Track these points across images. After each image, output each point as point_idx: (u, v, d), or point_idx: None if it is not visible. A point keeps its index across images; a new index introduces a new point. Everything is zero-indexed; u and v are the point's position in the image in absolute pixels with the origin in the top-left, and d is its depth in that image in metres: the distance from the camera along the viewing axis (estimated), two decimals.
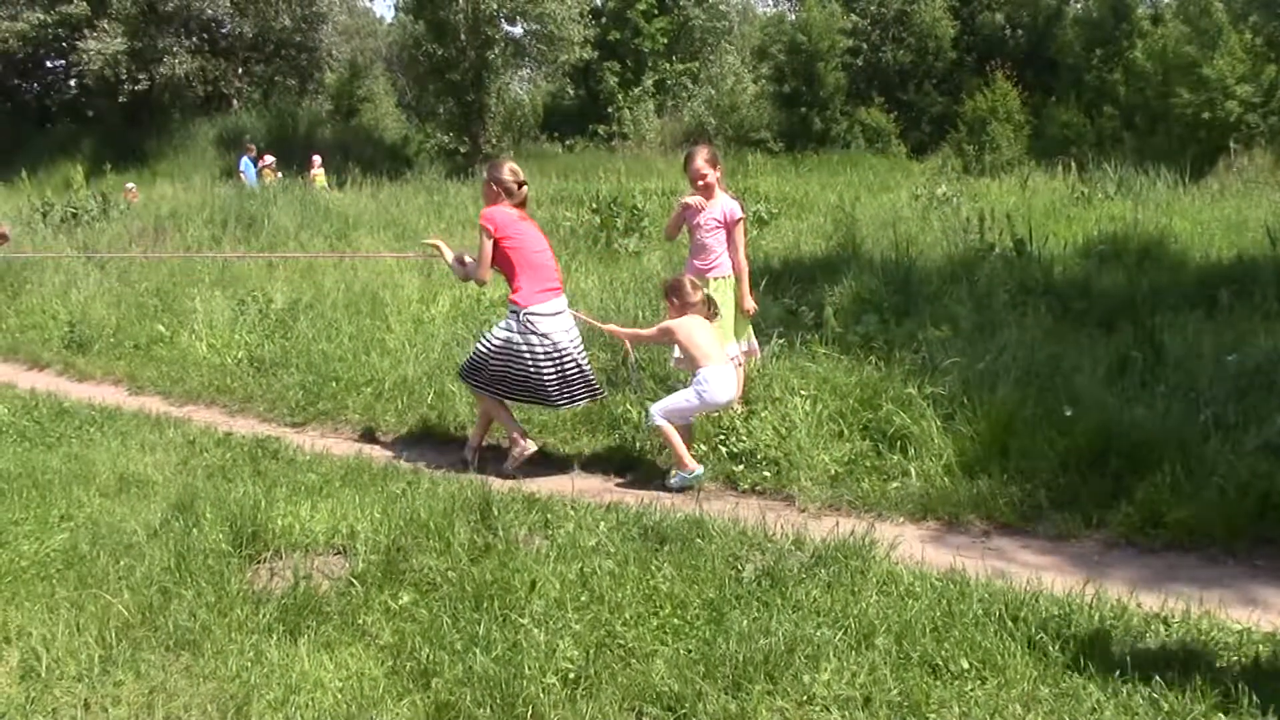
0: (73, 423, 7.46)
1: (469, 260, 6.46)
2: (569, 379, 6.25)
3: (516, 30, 30.06)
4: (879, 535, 4.75)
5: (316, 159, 25.23)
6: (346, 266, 12.21)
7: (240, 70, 35.41)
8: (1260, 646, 3.65)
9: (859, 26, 33.72)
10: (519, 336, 6.16)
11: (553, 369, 6.18)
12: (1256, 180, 18.63)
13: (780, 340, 7.36)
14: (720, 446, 6.25)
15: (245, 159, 24.48)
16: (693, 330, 6.01)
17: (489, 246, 6.19)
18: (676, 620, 3.90)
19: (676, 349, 6.30)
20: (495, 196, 6.33)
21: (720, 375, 5.93)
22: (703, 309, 6.12)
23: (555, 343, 6.17)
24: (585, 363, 6.37)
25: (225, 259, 12.96)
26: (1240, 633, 3.75)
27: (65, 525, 5.14)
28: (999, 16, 34.13)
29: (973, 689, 3.39)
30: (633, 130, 31.42)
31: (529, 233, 6.30)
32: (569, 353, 6.23)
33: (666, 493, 5.79)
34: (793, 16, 35.86)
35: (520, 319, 6.15)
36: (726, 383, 5.95)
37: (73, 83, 35.84)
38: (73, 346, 10.28)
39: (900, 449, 5.84)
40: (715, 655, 3.57)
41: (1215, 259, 10.57)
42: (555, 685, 3.47)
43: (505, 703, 3.39)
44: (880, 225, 13.22)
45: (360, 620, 4.04)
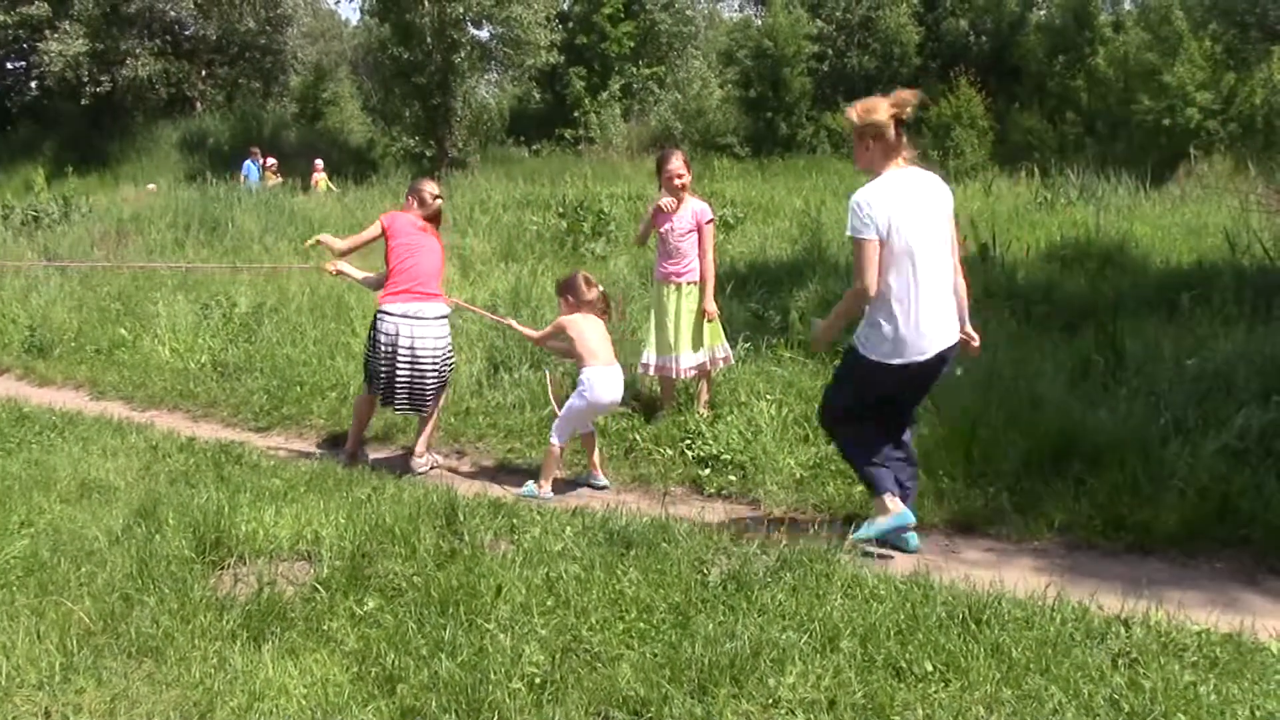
0: (33, 428, 7.37)
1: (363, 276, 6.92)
2: (397, 383, 6.38)
3: (483, 34, 29.95)
4: (844, 539, 4.78)
5: (319, 162, 25.12)
6: (312, 269, 12.10)
7: (204, 73, 35.10)
8: (1219, 648, 3.70)
9: (824, 32, 33.79)
10: (372, 330, 6.45)
11: (386, 367, 6.36)
12: (1216, 186, 18.84)
13: (746, 345, 7.40)
14: (686, 450, 6.27)
15: (248, 162, 24.28)
16: (583, 328, 6.01)
17: (370, 234, 6.60)
18: (642, 624, 3.90)
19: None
20: (409, 205, 6.68)
21: (603, 376, 5.95)
22: (597, 307, 6.13)
23: (396, 343, 6.33)
24: (424, 378, 6.43)
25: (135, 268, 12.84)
26: (1200, 634, 3.79)
27: (25, 532, 5.08)
28: (963, 23, 34.31)
29: (936, 691, 3.42)
30: (599, 135, 31.35)
31: (421, 242, 6.51)
32: (407, 359, 6.35)
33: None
34: (759, 22, 35.92)
35: (376, 314, 6.42)
36: (610, 384, 5.98)
37: (34, 84, 35.38)
38: (33, 351, 10.17)
39: None
40: (681, 659, 3.58)
41: (1176, 264, 10.71)
42: (521, 690, 3.46)
43: (471, 708, 3.39)
44: (845, 230, 13.25)
45: (325, 626, 4.01)
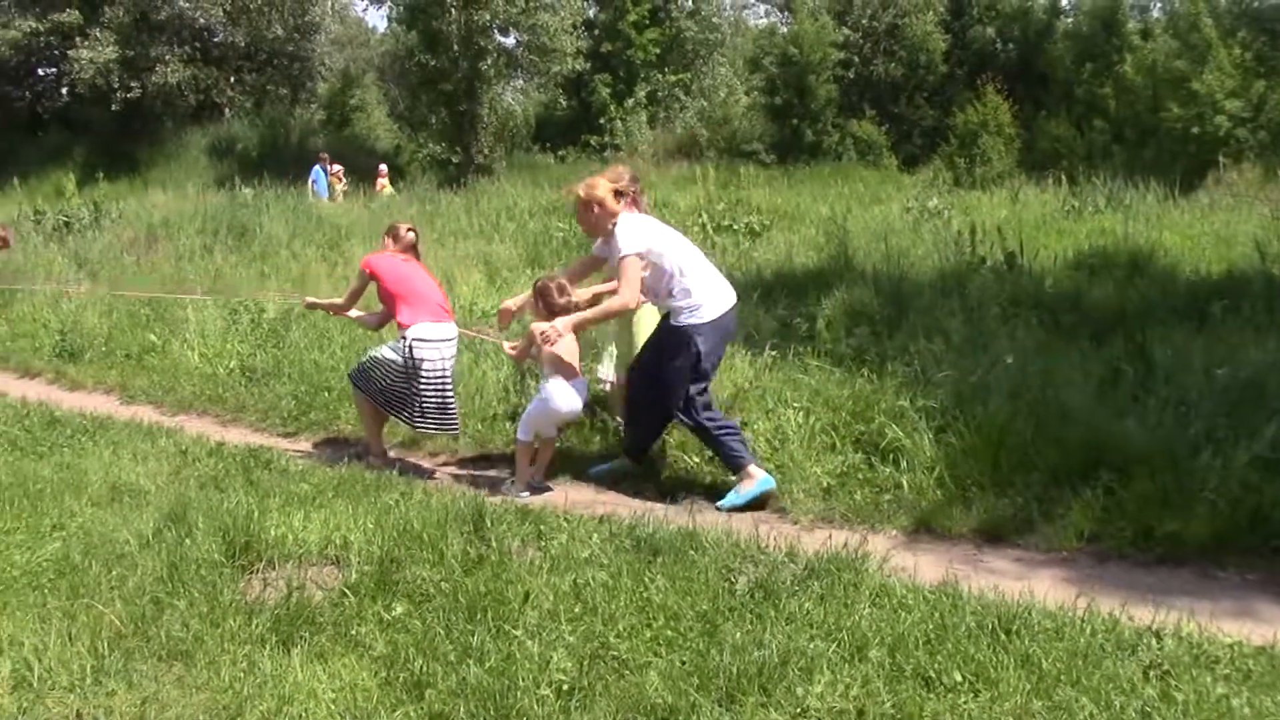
0: (64, 432, 7.42)
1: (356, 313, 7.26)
2: (428, 405, 6.58)
3: (509, 41, 30.08)
4: (871, 548, 4.76)
5: (383, 168, 25.42)
6: (339, 276, 12.19)
7: (232, 79, 35.32)
8: (1252, 660, 3.66)
9: (851, 39, 33.77)
10: (406, 357, 6.51)
11: (425, 389, 6.54)
12: (1245, 194, 18.69)
13: (773, 352, 7.38)
14: (714, 458, 6.25)
15: (317, 168, 24.27)
16: (560, 341, 5.99)
17: (359, 283, 6.93)
18: (670, 632, 3.90)
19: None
20: (385, 246, 6.97)
21: (566, 389, 6.02)
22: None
23: (437, 368, 6.57)
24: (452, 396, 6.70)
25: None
26: (1232, 645, 3.75)
27: (57, 535, 5.12)
28: (990, 30, 34.26)
29: (966, 702, 3.40)
30: (625, 141, 31.39)
31: (412, 271, 6.82)
32: (441, 381, 6.57)
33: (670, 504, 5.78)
34: (785, 29, 35.93)
35: (411, 342, 6.53)
36: (571, 396, 6.05)
37: (65, 91, 35.65)
38: (64, 355, 10.25)
39: (893, 461, 5.86)
40: (709, 667, 3.57)
41: (1205, 273, 10.62)
42: (549, 697, 3.47)
43: (499, 714, 3.39)
44: (872, 238, 13.25)
45: (353, 631, 4.02)
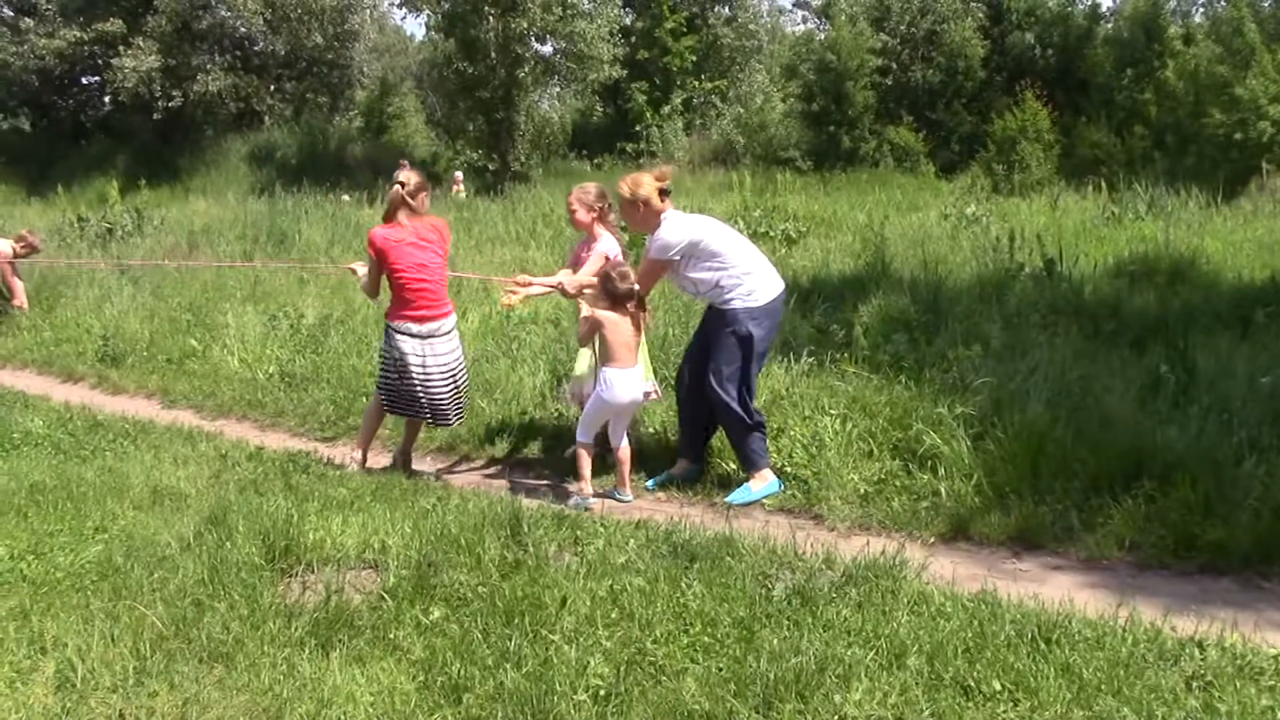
0: (107, 436, 7.52)
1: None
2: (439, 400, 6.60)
3: (546, 49, 30.21)
4: (909, 555, 4.75)
5: (459, 174, 26.23)
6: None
7: (272, 87, 35.72)
8: None
9: (888, 46, 33.62)
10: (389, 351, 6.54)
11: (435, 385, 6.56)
12: None
13: (810, 359, 7.36)
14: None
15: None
16: (617, 327, 6.00)
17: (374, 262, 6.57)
18: (707, 638, 3.90)
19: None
20: (392, 213, 6.56)
21: (623, 377, 6.00)
22: (628, 306, 6.05)
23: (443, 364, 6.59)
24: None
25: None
26: (1276, 657, 3.71)
27: (100, 537, 5.18)
28: (1029, 36, 33.97)
29: (1005, 711, 3.37)
30: (661, 148, 31.38)
31: (417, 256, 6.52)
32: (451, 377, 6.63)
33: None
34: (822, 35, 35.82)
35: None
36: (628, 384, 6.02)
37: (107, 99, 36.15)
38: (106, 360, 10.38)
39: (930, 469, 5.83)
40: (746, 674, 3.57)
41: (1248, 280, 10.49)
42: (586, 702, 3.47)
43: (536, 719, 3.40)
44: (909, 244, 13.21)
45: (392, 635, 4.05)
